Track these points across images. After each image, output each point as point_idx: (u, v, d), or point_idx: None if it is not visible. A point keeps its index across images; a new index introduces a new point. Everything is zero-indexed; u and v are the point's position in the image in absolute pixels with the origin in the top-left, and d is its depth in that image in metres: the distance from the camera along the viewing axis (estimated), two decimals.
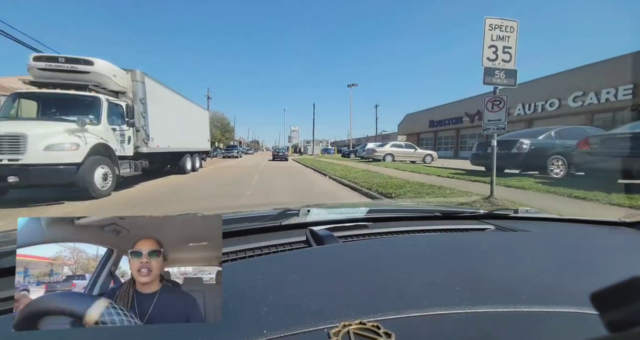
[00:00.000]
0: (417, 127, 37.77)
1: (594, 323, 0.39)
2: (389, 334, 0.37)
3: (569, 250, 0.75)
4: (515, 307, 0.44)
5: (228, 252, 0.73)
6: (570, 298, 0.47)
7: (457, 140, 31.42)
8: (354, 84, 36.47)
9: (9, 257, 0.58)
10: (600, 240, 0.88)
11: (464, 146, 30.87)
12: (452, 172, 9.34)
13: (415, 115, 38.58)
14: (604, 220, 1.06)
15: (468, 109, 28.33)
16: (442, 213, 1.20)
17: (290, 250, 0.76)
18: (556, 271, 0.60)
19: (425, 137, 37.68)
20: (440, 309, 0.43)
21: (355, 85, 36.51)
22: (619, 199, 3.95)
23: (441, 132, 34.16)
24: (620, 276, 0.27)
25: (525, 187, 5.37)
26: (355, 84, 36.62)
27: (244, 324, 0.40)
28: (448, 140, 33.76)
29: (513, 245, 0.79)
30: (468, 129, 29.64)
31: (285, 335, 0.37)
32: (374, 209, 1.22)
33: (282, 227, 0.93)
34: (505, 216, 1.15)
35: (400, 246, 0.76)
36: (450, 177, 7.78)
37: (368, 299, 0.46)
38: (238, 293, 0.48)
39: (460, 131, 31.09)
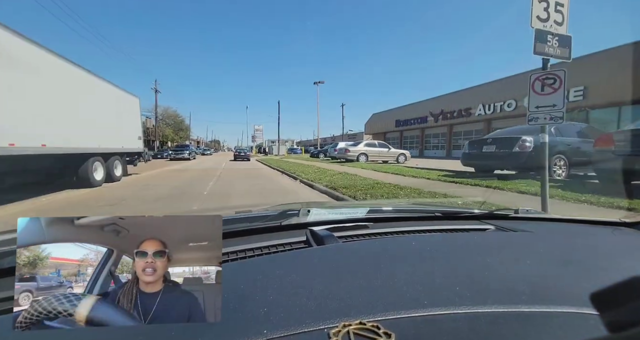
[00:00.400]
0: (383, 126, 37.64)
1: (594, 323, 0.39)
2: (388, 334, 0.37)
3: (570, 251, 0.75)
4: (516, 307, 0.44)
5: (228, 252, 0.73)
6: (570, 298, 0.47)
7: (422, 140, 32.17)
8: (321, 82, 35.64)
9: (9, 257, 0.58)
10: (601, 240, 0.88)
11: (428, 145, 31.64)
12: (439, 174, 8.09)
13: (382, 114, 38.52)
14: (604, 220, 1.06)
15: (432, 108, 28.88)
16: (442, 213, 1.20)
17: (290, 250, 0.76)
18: (556, 271, 0.60)
19: (391, 137, 37.37)
20: (440, 309, 0.43)
21: (322, 82, 35.67)
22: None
23: (407, 131, 34.69)
24: (620, 276, 0.27)
25: (552, 195, 4.14)
26: (322, 82, 35.74)
27: (244, 324, 0.40)
28: (414, 140, 34.15)
29: (513, 245, 0.79)
30: (432, 129, 30.59)
31: (285, 335, 0.37)
32: (374, 209, 1.22)
33: (282, 227, 0.93)
34: (506, 216, 1.14)
35: (401, 246, 0.76)
36: (443, 180, 6.59)
37: (368, 299, 0.46)
38: (238, 293, 0.48)
39: (425, 131, 31.82)
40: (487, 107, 22.77)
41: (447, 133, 28.28)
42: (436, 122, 28.68)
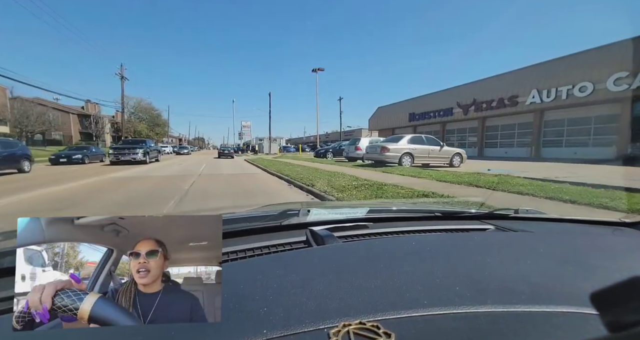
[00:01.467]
0: (392, 121, 31.69)
1: (594, 323, 0.39)
2: (388, 334, 0.37)
3: (569, 251, 0.75)
4: (516, 307, 0.44)
5: (228, 252, 0.73)
6: (570, 298, 0.47)
7: (443, 136, 25.89)
8: (321, 69, 30.30)
9: (9, 257, 0.59)
10: (601, 240, 0.88)
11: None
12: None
13: (390, 107, 32.84)
14: (604, 220, 1.06)
15: (461, 98, 23.06)
16: (442, 213, 1.20)
17: (290, 250, 0.76)
18: (556, 271, 0.60)
19: (401, 133, 29.00)
20: (440, 309, 0.43)
21: (321, 70, 30.27)
22: None
23: (423, 126, 28.44)
24: (621, 276, 0.27)
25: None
26: (322, 69, 30.35)
27: (244, 324, 0.40)
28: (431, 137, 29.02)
29: (513, 245, 0.79)
30: (458, 123, 24.87)
31: (285, 335, 0.37)
32: (374, 209, 1.23)
33: (282, 227, 0.93)
34: (506, 216, 1.15)
35: (401, 246, 0.76)
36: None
37: (368, 299, 0.46)
38: (238, 293, 0.48)
39: (446, 125, 26.21)
40: (544, 93, 17.20)
41: (480, 127, 22.58)
42: (466, 115, 22.96)
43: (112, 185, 6.93)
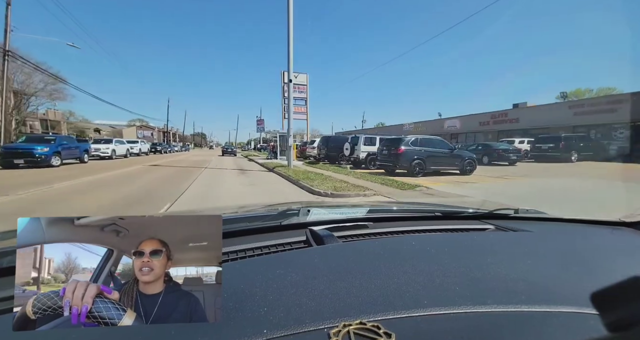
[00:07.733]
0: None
1: (594, 323, 0.39)
2: (389, 334, 0.37)
3: (569, 251, 0.76)
4: (516, 307, 0.44)
5: (228, 252, 0.73)
6: (570, 298, 0.47)
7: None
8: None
9: (9, 257, 0.58)
10: (601, 240, 0.88)
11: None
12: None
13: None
14: (604, 220, 1.06)
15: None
16: (442, 213, 1.20)
17: (290, 250, 0.76)
18: (556, 271, 0.60)
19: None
20: (440, 309, 0.43)
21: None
22: None
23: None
24: (621, 276, 0.27)
25: None
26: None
27: (244, 324, 0.40)
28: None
29: (513, 245, 0.79)
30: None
31: (285, 335, 0.37)
32: (374, 209, 1.23)
33: (282, 227, 0.93)
34: (506, 216, 1.15)
35: (401, 246, 0.76)
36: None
37: (368, 299, 0.46)
38: (238, 293, 0.48)
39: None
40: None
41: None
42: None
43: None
